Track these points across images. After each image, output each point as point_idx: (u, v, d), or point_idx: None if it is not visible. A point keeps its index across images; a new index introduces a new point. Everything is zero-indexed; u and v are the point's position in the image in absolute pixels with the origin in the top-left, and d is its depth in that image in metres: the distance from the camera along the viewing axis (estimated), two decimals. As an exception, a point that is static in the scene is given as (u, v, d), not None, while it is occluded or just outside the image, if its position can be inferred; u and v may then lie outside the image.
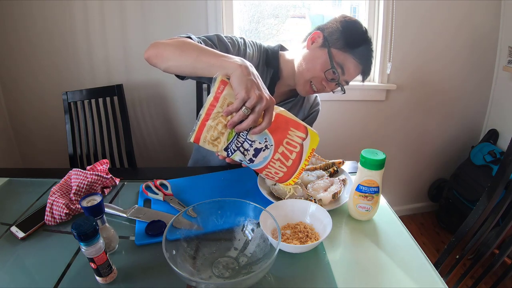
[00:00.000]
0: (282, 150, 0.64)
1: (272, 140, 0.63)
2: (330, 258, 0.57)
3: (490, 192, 0.80)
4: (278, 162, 0.65)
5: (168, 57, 0.69)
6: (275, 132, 0.63)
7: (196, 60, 0.65)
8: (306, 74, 0.87)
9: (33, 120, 1.57)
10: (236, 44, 0.87)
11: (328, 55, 0.84)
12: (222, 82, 0.59)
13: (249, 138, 0.63)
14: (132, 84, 1.50)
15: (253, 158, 0.64)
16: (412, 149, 1.86)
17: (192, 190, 0.79)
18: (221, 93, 0.59)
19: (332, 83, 0.87)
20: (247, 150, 0.64)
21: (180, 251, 0.53)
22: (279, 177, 0.67)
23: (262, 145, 0.64)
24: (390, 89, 1.65)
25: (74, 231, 0.45)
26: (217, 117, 0.60)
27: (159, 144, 1.67)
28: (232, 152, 0.65)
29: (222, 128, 0.61)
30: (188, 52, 0.67)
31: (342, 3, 1.67)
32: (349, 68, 0.85)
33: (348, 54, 0.84)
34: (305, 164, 0.65)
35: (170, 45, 0.70)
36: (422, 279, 0.53)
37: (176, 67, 0.69)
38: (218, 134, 0.62)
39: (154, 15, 1.41)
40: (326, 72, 0.85)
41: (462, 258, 0.86)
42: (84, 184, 0.72)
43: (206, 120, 0.60)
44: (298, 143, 0.64)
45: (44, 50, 1.44)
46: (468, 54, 1.65)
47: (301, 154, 0.64)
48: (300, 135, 0.64)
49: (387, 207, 0.73)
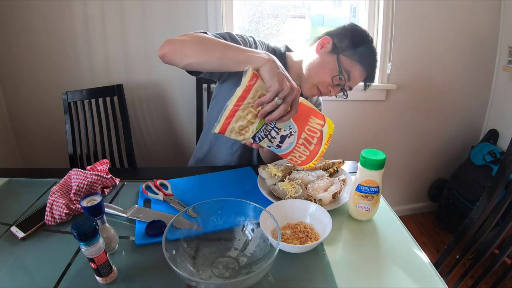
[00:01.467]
0: (305, 136, 0.69)
1: (296, 127, 0.68)
2: (330, 258, 0.57)
3: (490, 192, 0.80)
4: (302, 146, 0.70)
5: (189, 54, 0.69)
6: (298, 120, 0.68)
7: (222, 55, 0.66)
8: (314, 78, 0.89)
9: (33, 120, 1.57)
10: (247, 42, 0.87)
11: (337, 62, 0.85)
12: (254, 75, 0.62)
13: (277, 126, 0.67)
14: (132, 84, 1.50)
15: (280, 144, 0.69)
16: (412, 149, 1.86)
17: (192, 190, 0.79)
18: (253, 85, 0.62)
19: (338, 88, 0.89)
20: (274, 137, 0.69)
21: (180, 251, 0.53)
22: (302, 160, 0.72)
23: (287, 132, 0.68)
24: (390, 89, 1.65)
25: (74, 231, 0.45)
26: (247, 108, 0.63)
27: (159, 144, 1.67)
28: (260, 140, 0.68)
29: (252, 118, 0.64)
30: (212, 48, 0.68)
31: (342, 3, 1.67)
32: (354, 75, 0.88)
33: (356, 62, 0.86)
34: (325, 148, 0.70)
35: (191, 42, 0.70)
36: (422, 279, 0.53)
37: (200, 63, 0.69)
38: (247, 123, 0.64)
39: (154, 15, 1.41)
40: (333, 77, 0.86)
41: (462, 258, 0.86)
42: (84, 184, 0.72)
43: (236, 111, 0.62)
44: (318, 129, 0.69)
45: (44, 50, 1.44)
46: (468, 54, 1.65)
47: (321, 139, 0.70)
48: (319, 122, 0.69)
49: (387, 207, 0.73)
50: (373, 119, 1.73)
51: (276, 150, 0.71)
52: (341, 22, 0.93)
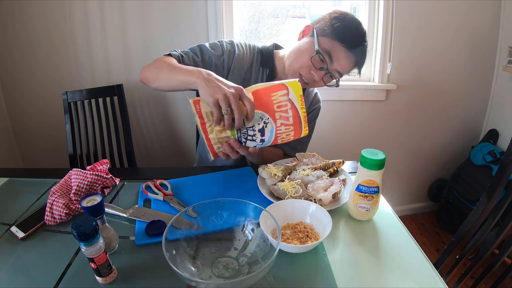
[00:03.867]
0: (279, 115, 0.68)
1: (266, 115, 0.68)
2: (330, 258, 0.57)
3: (490, 192, 0.80)
4: (282, 126, 0.69)
5: (151, 79, 0.81)
6: (262, 106, 0.67)
7: (169, 79, 0.76)
8: (295, 64, 0.87)
9: (33, 120, 1.57)
10: (219, 48, 0.90)
11: (316, 41, 0.82)
12: (194, 102, 0.67)
13: (247, 125, 0.68)
14: (132, 84, 1.50)
15: (262, 137, 0.69)
16: (412, 149, 1.86)
17: (192, 190, 0.79)
18: (200, 110, 0.67)
19: (322, 72, 0.85)
20: (254, 135, 0.69)
21: (180, 251, 0.53)
22: (293, 135, 0.71)
23: (262, 124, 0.68)
24: (390, 89, 1.65)
25: (74, 231, 0.45)
26: (212, 129, 0.69)
27: (159, 144, 1.67)
28: (244, 144, 0.71)
29: (222, 133, 0.69)
30: (163, 72, 0.77)
31: (342, 3, 1.67)
32: (338, 56, 0.83)
33: (336, 41, 0.82)
34: (304, 111, 0.68)
35: (151, 67, 0.81)
36: (422, 279, 0.53)
37: (159, 87, 0.80)
38: (224, 139, 0.69)
39: (154, 15, 1.41)
40: (312, 58, 0.83)
41: (462, 258, 0.86)
42: (84, 184, 0.72)
43: (208, 136, 0.69)
44: (286, 100, 0.67)
45: (44, 50, 1.44)
46: (468, 54, 1.65)
47: (295, 107, 0.68)
48: (283, 93, 0.67)
49: (387, 207, 0.73)
50: (373, 119, 1.73)
51: (264, 144, 0.71)
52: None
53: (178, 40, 1.44)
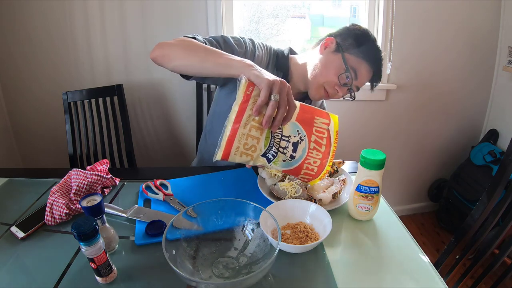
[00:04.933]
0: (315, 139, 0.65)
1: (304, 131, 0.65)
2: (330, 258, 0.57)
3: (490, 192, 0.80)
4: (314, 151, 0.66)
5: (175, 57, 0.72)
6: (304, 123, 0.65)
7: (204, 60, 0.68)
8: (320, 79, 0.88)
9: (33, 120, 1.57)
10: (243, 45, 0.87)
11: (343, 59, 0.85)
12: (250, 83, 0.59)
13: (285, 134, 0.63)
14: (132, 84, 1.50)
15: (293, 153, 0.64)
16: (412, 149, 1.86)
17: (192, 190, 0.79)
18: (250, 94, 0.59)
19: (345, 88, 0.88)
20: (286, 147, 0.64)
21: (180, 251, 0.53)
22: (317, 167, 0.66)
23: (297, 138, 0.64)
24: (390, 89, 1.65)
25: (74, 231, 0.45)
26: (248, 122, 0.59)
27: (159, 144, 1.68)
28: (274, 156, 0.64)
29: (257, 132, 0.60)
30: (195, 52, 0.69)
31: (342, 3, 1.67)
32: (361, 73, 0.87)
33: (361, 59, 0.85)
34: (335, 146, 0.67)
35: (177, 46, 0.72)
36: (422, 279, 0.53)
37: (184, 66, 0.72)
38: (253, 141, 0.60)
39: (154, 15, 1.41)
40: (339, 76, 0.86)
41: (462, 258, 0.86)
42: (84, 184, 0.72)
43: (237, 129, 0.58)
44: (325, 129, 0.66)
45: (44, 50, 1.44)
46: (468, 54, 1.65)
47: (329, 138, 0.66)
48: (325, 121, 0.66)
49: (387, 207, 0.73)
50: (373, 119, 1.73)
51: (290, 163, 0.66)
52: (341, 22, 0.93)
53: (178, 40, 1.44)
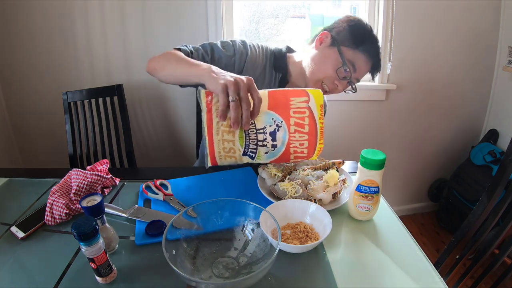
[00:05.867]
0: (294, 121, 0.63)
1: (280, 117, 0.63)
2: (330, 258, 0.57)
3: (490, 192, 0.80)
4: (296, 133, 0.64)
5: (158, 70, 0.79)
6: (278, 108, 0.63)
7: (174, 70, 0.74)
8: (318, 74, 0.87)
9: (33, 120, 1.58)
10: (231, 48, 0.88)
11: (339, 53, 0.84)
12: (207, 93, 0.62)
13: (259, 127, 0.63)
14: (132, 84, 1.50)
15: (274, 142, 0.64)
16: (412, 149, 1.86)
17: (192, 190, 0.79)
18: (211, 103, 0.61)
19: (344, 81, 0.87)
20: (265, 139, 0.64)
21: (180, 251, 0.53)
22: (307, 146, 0.65)
23: (273, 126, 0.63)
24: (390, 89, 1.65)
25: (74, 231, 0.45)
26: (219, 128, 0.62)
27: (159, 144, 1.67)
28: (254, 153, 0.65)
29: (229, 135, 0.62)
30: (169, 64, 0.76)
31: (342, 3, 1.67)
32: (360, 65, 0.85)
33: (358, 51, 0.84)
34: (322, 123, 0.64)
35: (159, 58, 0.80)
36: (422, 279, 0.53)
37: (164, 77, 0.78)
38: (229, 144, 0.63)
39: (154, 15, 1.41)
40: (338, 70, 0.84)
41: (462, 258, 0.86)
42: (84, 184, 0.72)
43: (212, 137, 0.63)
44: (305, 107, 0.63)
45: (44, 50, 1.44)
46: (468, 54, 1.65)
47: (312, 116, 0.63)
48: (303, 100, 0.63)
49: (387, 207, 0.73)
50: (373, 119, 1.73)
51: (274, 152, 0.66)
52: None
53: (178, 40, 1.44)
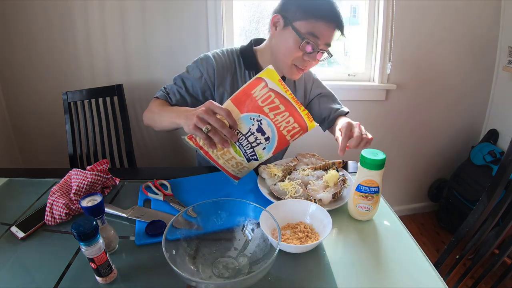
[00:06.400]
0: (268, 108, 0.65)
1: (255, 113, 0.66)
2: (330, 258, 0.57)
3: (490, 192, 0.80)
4: (277, 116, 0.66)
5: (152, 126, 0.88)
6: (248, 107, 0.66)
7: (162, 125, 0.82)
8: (285, 59, 0.86)
9: (33, 120, 1.57)
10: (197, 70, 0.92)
11: (294, 31, 0.81)
12: (189, 137, 0.70)
13: (244, 133, 0.67)
14: (132, 84, 1.50)
15: (265, 135, 0.67)
16: (412, 149, 1.86)
17: (192, 190, 0.79)
18: (198, 143, 0.69)
19: (314, 53, 0.84)
20: (256, 138, 0.67)
21: (180, 251, 0.53)
22: (294, 120, 0.67)
23: (256, 123, 0.66)
24: (390, 89, 1.65)
25: (74, 231, 0.45)
26: (217, 155, 0.70)
27: (159, 144, 1.67)
28: (254, 155, 0.69)
29: (227, 154, 0.69)
30: (155, 121, 0.85)
31: (342, 3, 1.66)
32: (320, 31, 0.81)
33: (312, 19, 0.80)
34: (289, 94, 0.66)
35: (146, 115, 0.90)
36: (422, 279, 0.53)
37: (161, 130, 0.86)
38: (233, 160, 0.70)
39: (154, 15, 1.41)
40: (300, 47, 0.82)
41: (462, 258, 0.86)
42: (84, 184, 0.72)
43: (219, 164, 0.72)
44: (267, 91, 0.65)
45: (44, 50, 1.44)
46: (468, 54, 1.65)
47: (279, 94, 0.65)
48: (261, 86, 0.65)
49: (387, 207, 0.73)
50: (373, 119, 1.73)
51: (270, 144, 0.68)
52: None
53: (178, 40, 1.45)
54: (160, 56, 1.47)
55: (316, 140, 1.22)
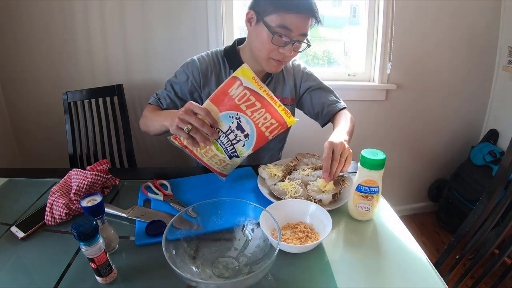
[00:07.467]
0: (245, 106, 0.68)
1: (233, 111, 0.68)
2: (330, 258, 0.57)
3: (490, 192, 0.80)
4: (254, 113, 0.68)
5: (147, 131, 0.92)
6: (226, 105, 0.68)
7: (155, 129, 0.85)
8: (261, 54, 0.87)
9: (33, 120, 1.57)
10: (184, 74, 0.95)
11: (265, 26, 0.82)
12: (174, 138, 0.73)
13: (224, 130, 0.69)
14: (132, 84, 1.50)
15: (244, 133, 0.70)
16: (412, 149, 1.86)
17: (192, 190, 0.79)
18: (182, 142, 0.73)
19: (288, 45, 0.84)
20: (236, 135, 0.70)
21: (180, 251, 0.53)
22: (271, 116, 0.69)
23: (235, 121, 0.69)
24: (390, 89, 1.65)
25: (74, 231, 0.45)
26: (201, 153, 0.73)
27: (159, 144, 1.67)
28: (234, 151, 0.71)
29: (209, 152, 0.72)
30: (148, 126, 0.90)
31: (342, 3, 1.67)
32: (293, 23, 0.81)
33: (282, 12, 0.80)
34: (263, 90, 0.68)
35: (141, 121, 0.95)
36: (422, 279, 0.53)
37: (155, 134, 0.89)
38: (216, 158, 0.73)
39: (154, 15, 1.41)
40: (273, 41, 0.83)
41: (462, 258, 0.86)
42: (84, 184, 0.72)
43: (204, 161, 0.75)
44: (242, 89, 0.67)
45: (44, 50, 1.44)
46: (468, 54, 1.65)
47: (253, 91, 0.67)
48: (237, 85, 0.67)
49: (387, 207, 0.73)
50: (373, 119, 1.73)
51: (249, 140, 0.70)
52: (341, 22, 0.91)
53: (178, 40, 1.45)
54: (160, 56, 1.47)
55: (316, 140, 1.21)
